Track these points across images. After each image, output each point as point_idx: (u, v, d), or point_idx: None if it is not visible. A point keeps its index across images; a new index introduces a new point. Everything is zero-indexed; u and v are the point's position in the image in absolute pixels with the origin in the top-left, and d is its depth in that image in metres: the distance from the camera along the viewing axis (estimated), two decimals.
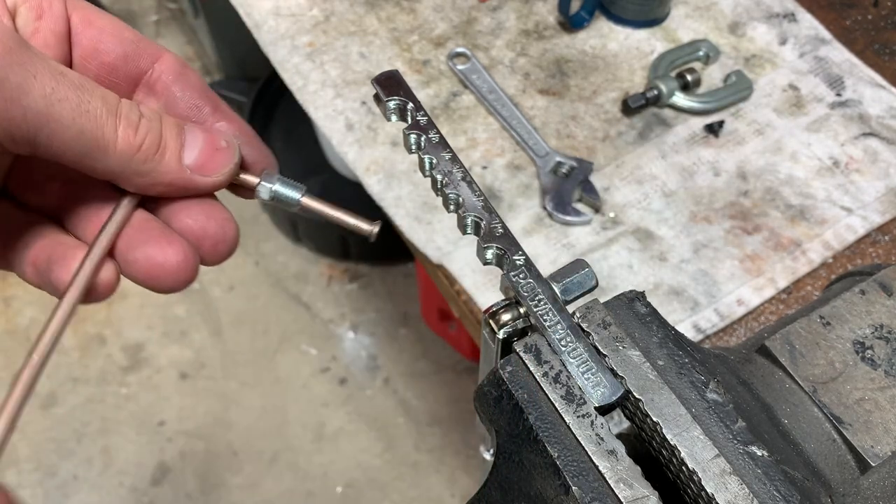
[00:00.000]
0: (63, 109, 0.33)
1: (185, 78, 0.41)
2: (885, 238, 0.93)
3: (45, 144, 0.34)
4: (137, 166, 0.36)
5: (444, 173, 0.45)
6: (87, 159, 0.35)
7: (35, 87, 0.32)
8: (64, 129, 0.33)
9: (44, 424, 1.93)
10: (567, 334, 0.41)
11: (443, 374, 1.99)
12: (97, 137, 0.35)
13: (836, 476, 0.45)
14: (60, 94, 0.33)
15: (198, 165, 0.38)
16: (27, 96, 0.32)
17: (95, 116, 0.34)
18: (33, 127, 0.33)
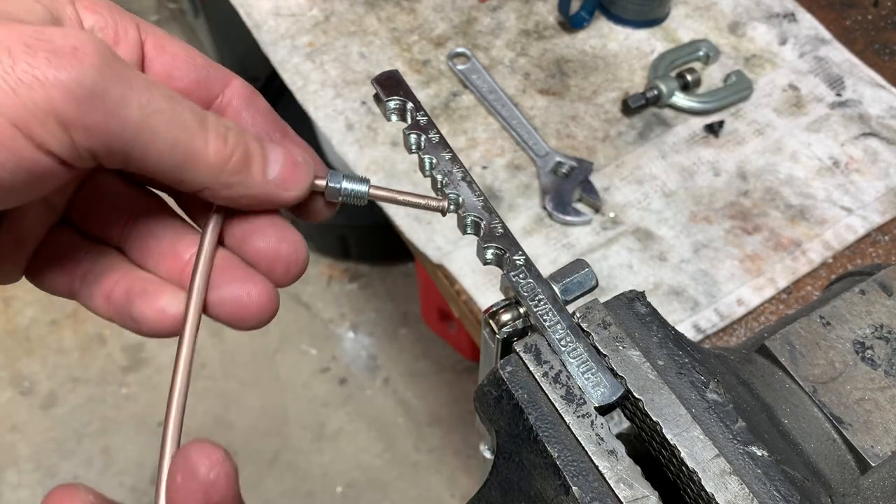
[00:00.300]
0: (158, 121, 0.33)
1: (254, 104, 0.41)
2: (885, 238, 0.93)
3: (139, 157, 0.34)
4: (227, 178, 0.37)
5: (444, 173, 0.45)
6: (179, 171, 0.35)
7: (132, 99, 0.32)
8: (158, 140, 0.33)
9: (44, 424, 1.93)
10: (567, 334, 0.41)
11: (443, 374, 1.99)
12: (190, 149, 0.35)
13: (836, 476, 0.45)
14: (155, 105, 0.33)
15: (280, 179, 0.39)
16: (125, 108, 0.32)
17: (188, 127, 0.35)
18: (129, 139, 0.33)
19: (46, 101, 0.30)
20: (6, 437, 1.91)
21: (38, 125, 0.30)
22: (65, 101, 0.30)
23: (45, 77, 0.30)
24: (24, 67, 0.29)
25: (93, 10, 0.36)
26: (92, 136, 0.31)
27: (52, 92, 0.30)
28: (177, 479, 0.32)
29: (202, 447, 0.32)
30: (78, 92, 0.30)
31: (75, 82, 0.30)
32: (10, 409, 1.95)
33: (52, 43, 0.30)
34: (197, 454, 0.32)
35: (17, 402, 1.96)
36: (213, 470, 0.31)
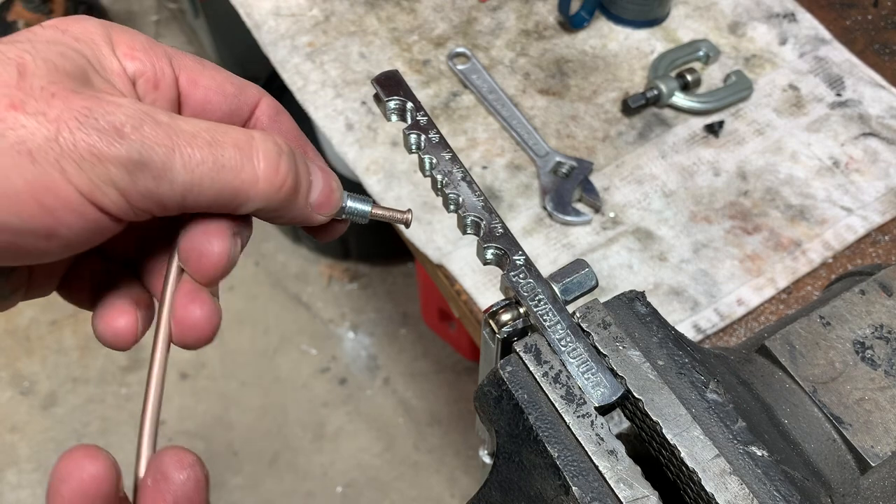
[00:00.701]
0: (203, 172, 0.35)
1: (279, 122, 0.43)
2: (885, 238, 0.93)
3: (192, 205, 0.36)
4: (276, 205, 0.39)
5: (444, 173, 0.45)
6: (230, 207, 0.37)
7: (176, 161, 0.35)
8: (207, 187, 0.36)
9: (44, 424, 1.93)
10: (567, 334, 0.41)
11: (443, 374, 1.99)
12: (237, 187, 0.37)
13: (836, 476, 0.45)
14: (198, 158, 0.35)
15: (317, 204, 0.41)
16: (171, 172, 0.35)
17: (232, 168, 0.36)
18: (179, 195, 0.35)
19: (106, 175, 0.33)
20: (6, 437, 1.91)
21: (101, 194, 0.33)
22: (120, 174, 0.33)
23: (101, 153, 0.33)
24: (83, 145, 0.33)
25: (132, 57, 0.38)
26: (146, 200, 0.35)
27: (109, 167, 0.33)
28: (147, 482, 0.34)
29: (175, 452, 0.34)
30: (128, 166, 0.33)
31: (125, 156, 0.33)
32: (10, 409, 1.95)
33: (97, 122, 0.33)
34: (169, 458, 0.34)
35: (17, 402, 1.96)
36: (183, 473, 0.33)
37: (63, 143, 0.32)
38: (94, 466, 0.33)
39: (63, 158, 0.32)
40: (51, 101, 0.33)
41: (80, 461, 0.33)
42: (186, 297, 0.39)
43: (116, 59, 0.38)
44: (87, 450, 0.33)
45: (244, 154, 0.37)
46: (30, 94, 0.33)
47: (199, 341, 0.39)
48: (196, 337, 0.39)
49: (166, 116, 0.36)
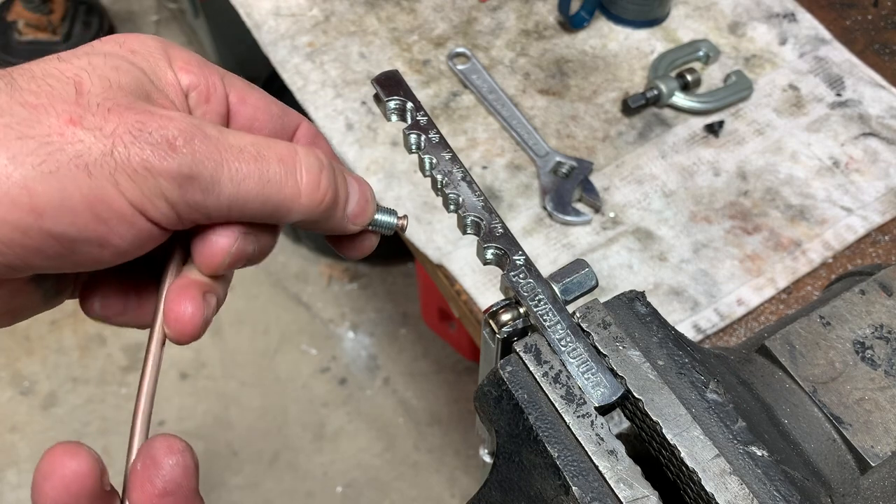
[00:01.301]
0: (248, 186, 0.37)
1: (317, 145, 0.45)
2: (885, 238, 0.93)
3: (237, 217, 0.38)
4: (316, 217, 0.40)
5: (444, 173, 0.45)
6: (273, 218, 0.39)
7: (224, 174, 0.36)
8: (251, 201, 0.37)
9: (44, 424, 1.93)
10: (567, 334, 0.41)
11: (443, 374, 1.99)
12: (280, 201, 0.38)
13: (836, 476, 0.45)
14: (244, 172, 0.37)
15: (353, 215, 0.43)
16: (218, 185, 0.36)
17: (276, 182, 0.38)
18: (225, 207, 0.37)
19: (157, 188, 0.35)
20: (6, 437, 1.91)
21: (152, 206, 0.35)
22: (170, 187, 0.35)
23: (153, 167, 0.34)
24: (137, 159, 0.34)
25: (187, 71, 0.40)
26: (193, 212, 0.36)
27: (160, 180, 0.35)
28: (137, 467, 0.35)
29: (165, 438, 0.35)
30: (178, 179, 0.35)
31: (176, 170, 0.35)
32: (10, 409, 1.95)
33: (151, 136, 0.35)
34: (159, 444, 0.35)
35: (17, 402, 1.96)
36: (172, 458, 0.34)
37: (117, 158, 0.34)
38: (75, 463, 0.33)
39: (117, 172, 0.34)
40: (107, 116, 0.34)
41: (62, 458, 0.33)
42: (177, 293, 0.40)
43: (172, 72, 0.39)
44: (69, 447, 0.33)
45: (288, 169, 0.38)
46: (87, 110, 0.34)
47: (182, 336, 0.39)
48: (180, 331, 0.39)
49: (215, 130, 0.37)
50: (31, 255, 0.34)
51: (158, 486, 0.34)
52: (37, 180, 0.32)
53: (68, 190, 0.33)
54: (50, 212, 0.33)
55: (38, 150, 0.33)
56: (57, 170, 0.33)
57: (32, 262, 0.34)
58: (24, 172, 0.32)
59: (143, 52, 0.39)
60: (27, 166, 0.32)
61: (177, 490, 0.34)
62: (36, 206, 0.32)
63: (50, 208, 0.33)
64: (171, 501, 0.34)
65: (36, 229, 0.33)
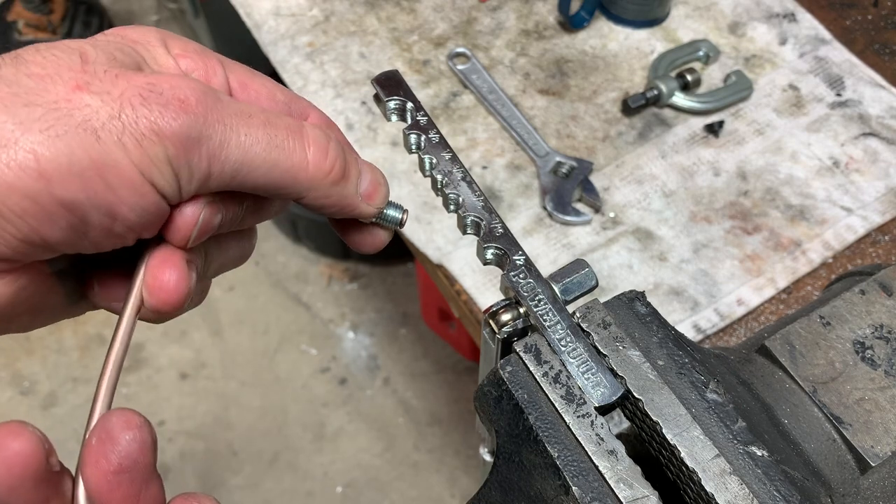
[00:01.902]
0: (256, 153, 0.37)
1: None
2: (885, 238, 0.93)
3: (240, 184, 0.37)
4: (326, 189, 0.40)
5: (444, 173, 0.45)
6: (280, 188, 0.39)
7: (232, 139, 0.36)
8: (258, 167, 0.37)
9: (44, 424, 1.92)
10: (567, 334, 0.41)
11: (443, 374, 1.99)
12: (288, 167, 0.38)
13: (836, 476, 0.45)
14: (252, 137, 0.37)
15: (366, 194, 0.42)
16: (226, 149, 0.36)
17: (284, 149, 0.38)
18: (230, 173, 0.37)
19: (163, 154, 0.34)
20: None
21: (157, 172, 0.34)
22: (174, 153, 0.34)
23: (161, 130, 0.34)
24: (145, 123, 0.34)
25: (185, 56, 0.40)
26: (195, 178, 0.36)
27: (168, 143, 0.34)
28: (92, 441, 0.33)
29: (122, 413, 0.34)
30: (186, 142, 0.35)
31: (185, 133, 0.34)
32: (10, 409, 1.95)
33: (162, 96, 0.35)
34: (116, 419, 0.33)
35: (17, 402, 1.96)
36: (129, 434, 0.33)
37: (125, 121, 0.34)
38: (17, 443, 0.32)
39: (124, 135, 0.34)
40: (115, 80, 0.34)
41: (4, 439, 0.32)
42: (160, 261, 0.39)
43: (171, 58, 0.39)
44: (11, 426, 0.33)
45: (296, 138, 0.38)
46: (94, 76, 0.34)
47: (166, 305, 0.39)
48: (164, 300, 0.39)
49: (224, 96, 0.37)
50: (43, 225, 0.33)
51: (114, 463, 0.33)
52: (44, 145, 0.32)
53: (76, 154, 0.33)
54: (58, 177, 0.32)
55: (45, 115, 0.33)
56: (65, 133, 0.33)
57: (46, 234, 0.34)
58: (32, 137, 0.32)
59: (142, 41, 0.38)
60: (34, 131, 0.32)
61: (133, 466, 0.33)
62: (44, 172, 0.32)
63: (58, 174, 0.32)
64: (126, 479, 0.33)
65: (46, 196, 0.32)
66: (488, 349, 0.45)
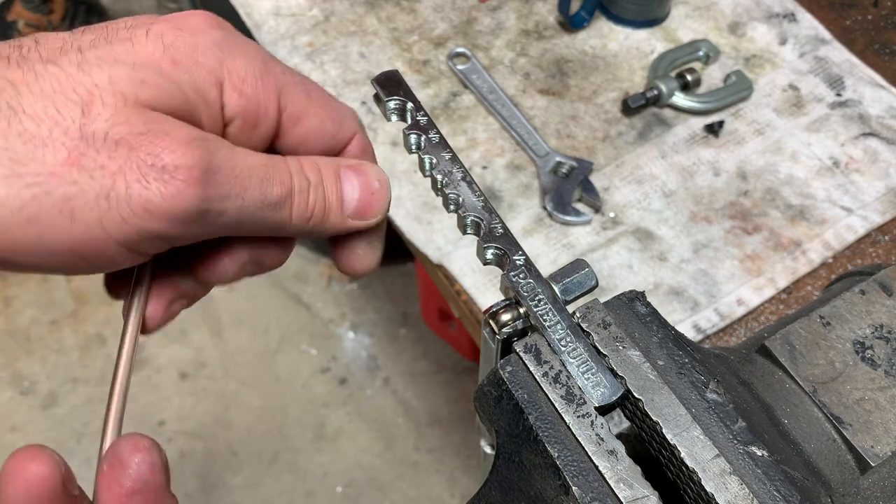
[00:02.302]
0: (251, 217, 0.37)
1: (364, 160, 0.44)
2: (885, 238, 0.93)
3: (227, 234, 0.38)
4: (310, 231, 0.41)
5: (444, 173, 0.45)
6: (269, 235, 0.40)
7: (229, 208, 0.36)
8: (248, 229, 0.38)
9: (44, 424, 1.93)
10: (567, 334, 0.41)
11: (443, 374, 1.99)
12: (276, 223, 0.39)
13: (836, 476, 0.45)
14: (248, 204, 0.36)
15: (357, 213, 0.42)
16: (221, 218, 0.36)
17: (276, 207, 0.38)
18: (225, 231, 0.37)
19: (155, 229, 0.34)
20: (6, 437, 1.91)
21: (146, 244, 0.35)
22: (170, 226, 0.34)
23: (155, 209, 0.33)
24: (137, 199, 0.33)
25: (240, 93, 0.38)
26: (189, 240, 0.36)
27: (161, 221, 0.34)
28: (104, 468, 0.34)
29: (131, 437, 0.35)
30: (182, 217, 0.34)
31: (181, 210, 0.34)
32: (10, 409, 1.95)
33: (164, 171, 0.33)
34: (124, 444, 0.35)
35: (17, 402, 1.96)
36: (138, 456, 0.34)
37: (113, 200, 0.33)
38: (36, 466, 0.33)
39: (107, 216, 0.33)
40: (114, 150, 0.33)
41: (24, 462, 0.33)
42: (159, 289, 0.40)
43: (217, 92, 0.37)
44: (31, 450, 0.33)
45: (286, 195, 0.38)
46: (91, 144, 0.33)
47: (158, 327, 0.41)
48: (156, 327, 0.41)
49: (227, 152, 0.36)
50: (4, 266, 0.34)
51: (126, 486, 0.34)
52: (14, 226, 0.32)
53: (46, 235, 0.32)
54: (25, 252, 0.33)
55: (21, 192, 0.32)
56: (37, 216, 0.32)
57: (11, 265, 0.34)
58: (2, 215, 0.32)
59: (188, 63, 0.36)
60: (6, 209, 0.32)
61: (144, 488, 0.34)
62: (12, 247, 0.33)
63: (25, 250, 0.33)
64: (139, 500, 0.34)
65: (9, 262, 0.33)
66: (488, 349, 0.45)
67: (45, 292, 2.09)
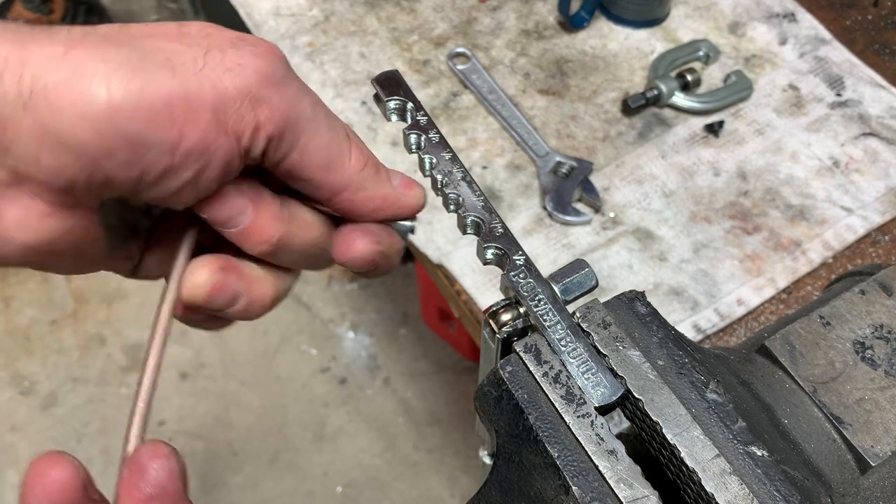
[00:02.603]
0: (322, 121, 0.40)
1: None
2: (885, 238, 0.93)
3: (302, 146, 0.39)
4: (362, 180, 0.42)
5: (444, 173, 0.45)
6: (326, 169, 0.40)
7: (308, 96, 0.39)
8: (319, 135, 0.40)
9: (44, 424, 1.93)
10: (567, 334, 0.41)
11: (443, 374, 1.99)
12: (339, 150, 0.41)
13: (836, 476, 0.45)
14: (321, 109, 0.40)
15: (402, 187, 0.44)
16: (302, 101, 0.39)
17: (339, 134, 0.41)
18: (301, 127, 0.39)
19: (245, 84, 0.36)
20: (6, 437, 1.91)
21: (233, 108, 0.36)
22: (259, 83, 0.36)
23: (246, 63, 0.36)
24: (231, 58, 0.36)
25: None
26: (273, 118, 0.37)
27: (251, 75, 0.36)
28: (124, 474, 0.35)
29: (151, 444, 0.35)
30: (272, 78, 0.37)
31: (271, 69, 0.37)
32: (10, 409, 1.95)
33: (254, 43, 0.37)
34: (144, 451, 0.35)
35: (17, 402, 1.96)
36: (157, 463, 0.35)
37: (209, 60, 0.35)
38: (56, 472, 0.34)
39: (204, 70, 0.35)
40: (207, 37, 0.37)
41: (44, 468, 0.34)
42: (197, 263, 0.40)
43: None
44: (52, 456, 0.34)
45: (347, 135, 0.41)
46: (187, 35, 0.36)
47: None
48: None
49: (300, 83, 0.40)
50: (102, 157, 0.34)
51: (145, 492, 0.34)
52: (118, 75, 0.33)
53: (148, 87, 0.34)
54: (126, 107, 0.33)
55: (129, 53, 0.34)
56: (141, 67, 0.34)
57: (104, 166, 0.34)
58: (109, 69, 0.33)
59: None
60: (113, 64, 0.33)
61: (162, 494, 0.35)
62: (112, 99, 0.33)
63: (126, 104, 0.33)
64: None
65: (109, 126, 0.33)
66: (488, 349, 0.45)
67: (45, 292, 2.09)
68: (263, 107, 0.36)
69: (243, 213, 0.39)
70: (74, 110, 0.33)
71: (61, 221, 0.35)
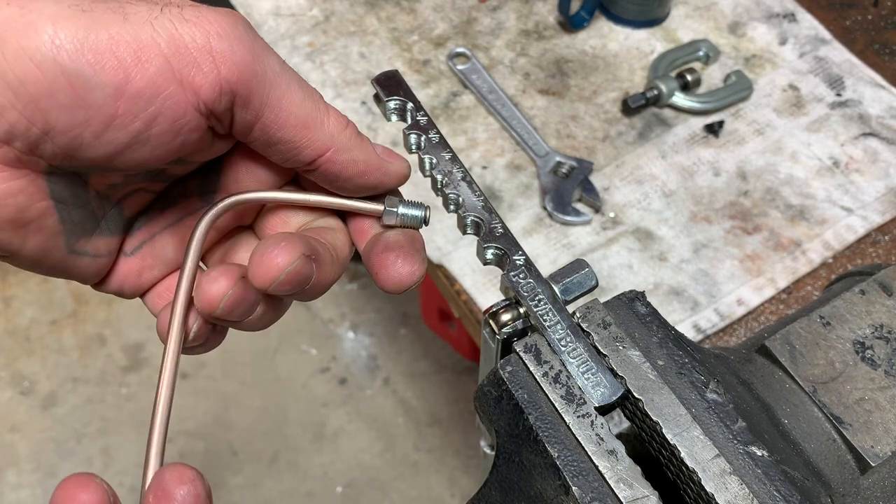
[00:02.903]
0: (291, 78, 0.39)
1: None
2: (885, 238, 0.93)
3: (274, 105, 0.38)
4: (346, 140, 0.41)
5: (444, 173, 0.45)
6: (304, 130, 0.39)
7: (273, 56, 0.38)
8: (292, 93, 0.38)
9: (44, 424, 1.93)
10: (567, 334, 0.41)
11: (443, 374, 1.99)
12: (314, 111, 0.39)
13: (836, 476, 0.45)
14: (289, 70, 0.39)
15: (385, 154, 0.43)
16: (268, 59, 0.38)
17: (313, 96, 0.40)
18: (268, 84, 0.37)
19: (203, 36, 0.35)
20: (6, 437, 1.91)
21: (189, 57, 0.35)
22: (219, 37, 0.35)
23: (206, 17, 0.35)
24: (190, 12, 0.35)
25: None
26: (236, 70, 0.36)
27: (210, 28, 0.35)
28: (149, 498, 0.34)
29: (176, 468, 0.35)
30: (233, 33, 0.36)
31: (231, 25, 0.36)
32: (10, 409, 1.95)
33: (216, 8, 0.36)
34: (170, 475, 0.34)
35: (17, 402, 1.96)
36: (183, 488, 0.34)
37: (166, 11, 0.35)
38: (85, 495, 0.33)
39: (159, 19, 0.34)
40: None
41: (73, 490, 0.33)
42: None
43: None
44: (80, 479, 0.34)
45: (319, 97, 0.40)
46: None
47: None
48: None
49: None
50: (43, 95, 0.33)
51: None
52: (65, 15, 0.33)
53: (96, 26, 0.33)
54: (69, 46, 0.33)
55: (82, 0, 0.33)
56: (91, 10, 0.33)
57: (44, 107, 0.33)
58: (57, 9, 0.33)
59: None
60: (63, 5, 0.33)
61: None
62: (56, 37, 0.32)
63: (70, 43, 0.33)
64: None
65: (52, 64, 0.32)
66: (488, 349, 0.46)
67: (45, 292, 2.09)
68: (224, 59, 0.35)
69: None
70: (17, 45, 0.32)
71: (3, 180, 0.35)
